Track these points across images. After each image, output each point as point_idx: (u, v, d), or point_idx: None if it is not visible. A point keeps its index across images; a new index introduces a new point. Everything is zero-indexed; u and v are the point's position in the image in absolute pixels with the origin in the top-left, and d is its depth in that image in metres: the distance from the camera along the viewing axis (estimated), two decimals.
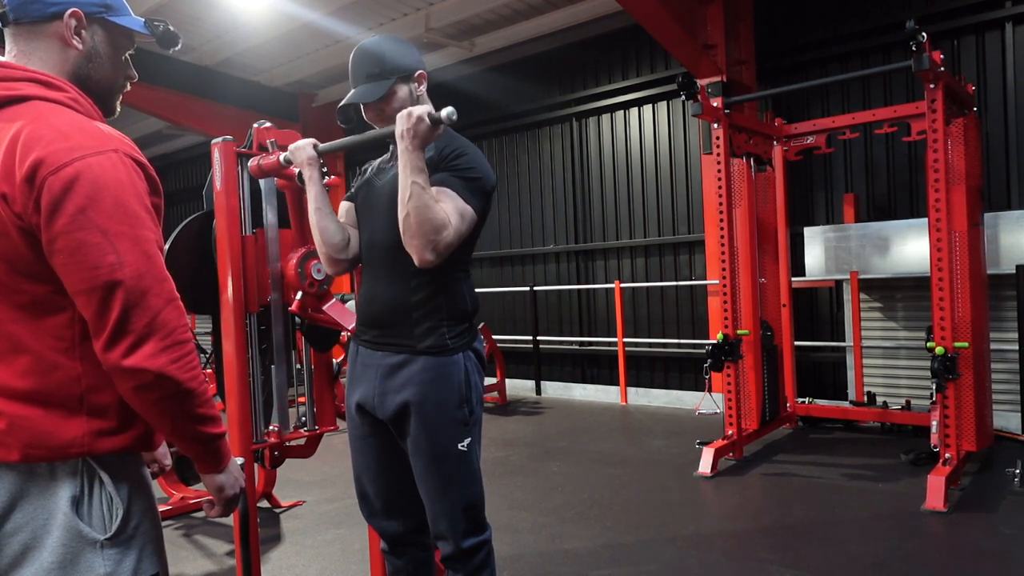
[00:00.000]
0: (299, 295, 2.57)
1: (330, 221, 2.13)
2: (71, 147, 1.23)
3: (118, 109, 1.48)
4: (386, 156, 2.19)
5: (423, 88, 2.09)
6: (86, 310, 1.24)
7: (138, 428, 1.35)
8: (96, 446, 1.29)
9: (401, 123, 1.83)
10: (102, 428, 1.30)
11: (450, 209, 1.89)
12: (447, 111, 1.80)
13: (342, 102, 2.07)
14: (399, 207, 1.87)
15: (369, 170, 2.20)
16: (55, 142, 1.22)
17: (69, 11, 1.34)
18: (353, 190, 2.22)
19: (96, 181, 1.22)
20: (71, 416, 1.28)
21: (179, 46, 1.50)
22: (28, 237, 1.23)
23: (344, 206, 2.22)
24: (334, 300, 2.66)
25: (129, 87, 1.47)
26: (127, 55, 1.46)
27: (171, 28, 1.47)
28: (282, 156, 2.26)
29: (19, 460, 1.26)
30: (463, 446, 2.03)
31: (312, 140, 2.18)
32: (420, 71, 2.08)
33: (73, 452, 1.27)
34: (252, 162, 2.43)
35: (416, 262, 1.88)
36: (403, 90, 2.05)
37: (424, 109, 1.82)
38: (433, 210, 1.83)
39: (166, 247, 2.03)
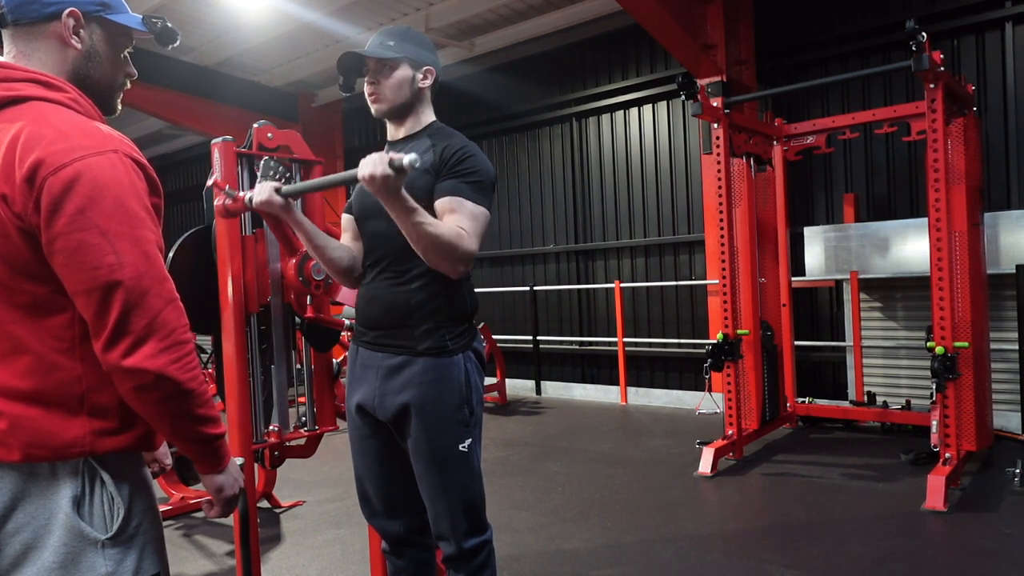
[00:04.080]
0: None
1: (331, 251, 2.10)
2: (71, 147, 1.23)
3: (119, 108, 1.48)
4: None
5: (427, 83, 2.10)
6: (86, 310, 1.24)
7: (139, 428, 1.35)
8: (97, 446, 1.29)
9: (361, 168, 1.71)
10: (103, 428, 1.30)
11: (464, 216, 1.92)
12: (409, 158, 1.67)
13: (346, 51, 2.04)
14: (414, 246, 1.86)
15: None
16: (55, 142, 1.22)
17: (67, 11, 1.34)
18: (350, 199, 2.21)
19: (96, 181, 1.22)
20: (72, 416, 1.28)
21: (177, 42, 1.49)
22: (28, 238, 1.23)
23: (345, 218, 2.22)
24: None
25: (129, 85, 1.47)
26: (126, 53, 1.46)
27: (169, 25, 1.47)
28: (247, 197, 2.10)
29: (20, 460, 1.26)
30: (464, 447, 2.03)
31: (273, 185, 2.04)
32: (429, 67, 2.10)
33: (74, 452, 1.27)
34: (217, 203, 2.30)
35: (452, 277, 1.95)
36: (406, 71, 2.05)
37: (382, 156, 1.70)
38: (443, 235, 1.83)
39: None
